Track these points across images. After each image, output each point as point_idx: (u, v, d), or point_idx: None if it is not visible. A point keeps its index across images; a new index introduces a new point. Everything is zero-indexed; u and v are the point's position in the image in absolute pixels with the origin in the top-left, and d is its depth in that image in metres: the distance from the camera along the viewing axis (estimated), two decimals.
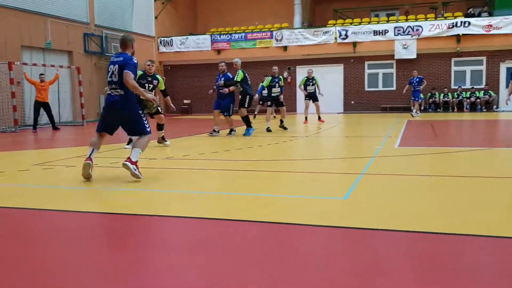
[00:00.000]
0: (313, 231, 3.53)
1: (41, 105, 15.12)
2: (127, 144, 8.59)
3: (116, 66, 5.56)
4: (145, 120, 5.81)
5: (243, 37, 24.43)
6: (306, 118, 15.80)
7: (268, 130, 12.54)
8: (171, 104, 9.27)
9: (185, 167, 6.85)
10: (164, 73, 26.28)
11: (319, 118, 15.73)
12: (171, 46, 25.52)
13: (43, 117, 16.07)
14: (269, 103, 12.79)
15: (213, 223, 3.80)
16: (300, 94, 20.56)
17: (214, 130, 11.31)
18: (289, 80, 24.10)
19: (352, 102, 23.64)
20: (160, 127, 8.96)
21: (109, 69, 5.67)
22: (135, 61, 5.60)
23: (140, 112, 5.80)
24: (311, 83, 15.37)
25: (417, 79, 18.07)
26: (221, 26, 27.15)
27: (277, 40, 23.85)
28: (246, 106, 11.08)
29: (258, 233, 3.54)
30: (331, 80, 22.76)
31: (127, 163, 5.47)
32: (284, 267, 2.80)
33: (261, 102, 18.32)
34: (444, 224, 3.60)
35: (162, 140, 9.07)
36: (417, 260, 2.90)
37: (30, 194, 5.14)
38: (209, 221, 3.86)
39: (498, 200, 4.37)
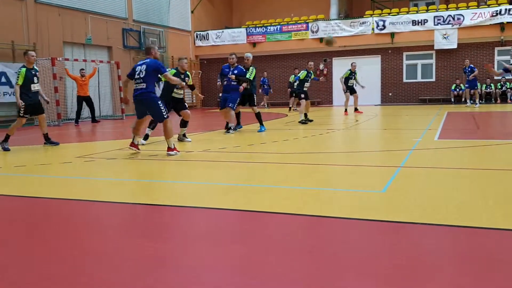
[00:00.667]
0: (351, 224, 3.51)
1: (83, 100, 15.65)
2: (144, 139, 8.66)
3: (144, 66, 6.97)
4: (163, 108, 7.03)
5: (278, 29, 24.33)
6: (346, 110, 15.73)
7: (302, 122, 12.50)
8: (200, 94, 9.90)
9: (223, 159, 6.92)
10: (200, 67, 26.54)
11: (356, 109, 15.61)
12: (207, 40, 25.72)
13: (85, 111, 16.60)
14: (302, 95, 12.71)
15: (251, 215, 3.84)
16: (337, 86, 20.33)
17: (229, 127, 10.45)
18: (325, 72, 23.87)
19: (390, 94, 23.20)
20: (183, 124, 8.94)
21: (137, 70, 7.05)
22: (160, 62, 7.15)
23: (159, 102, 7.06)
24: (353, 77, 15.34)
25: (469, 69, 17.74)
26: (256, 19, 27.12)
27: (312, 31, 23.63)
28: (255, 104, 10.96)
29: (295, 226, 3.55)
30: (368, 72, 22.37)
31: (169, 153, 6.96)
32: (321, 261, 2.80)
33: (293, 95, 18.27)
34: (485, 218, 3.51)
35: (183, 137, 9.08)
36: (456, 255, 2.85)
37: (72, 185, 5.33)
38: (248, 213, 3.90)
39: None
